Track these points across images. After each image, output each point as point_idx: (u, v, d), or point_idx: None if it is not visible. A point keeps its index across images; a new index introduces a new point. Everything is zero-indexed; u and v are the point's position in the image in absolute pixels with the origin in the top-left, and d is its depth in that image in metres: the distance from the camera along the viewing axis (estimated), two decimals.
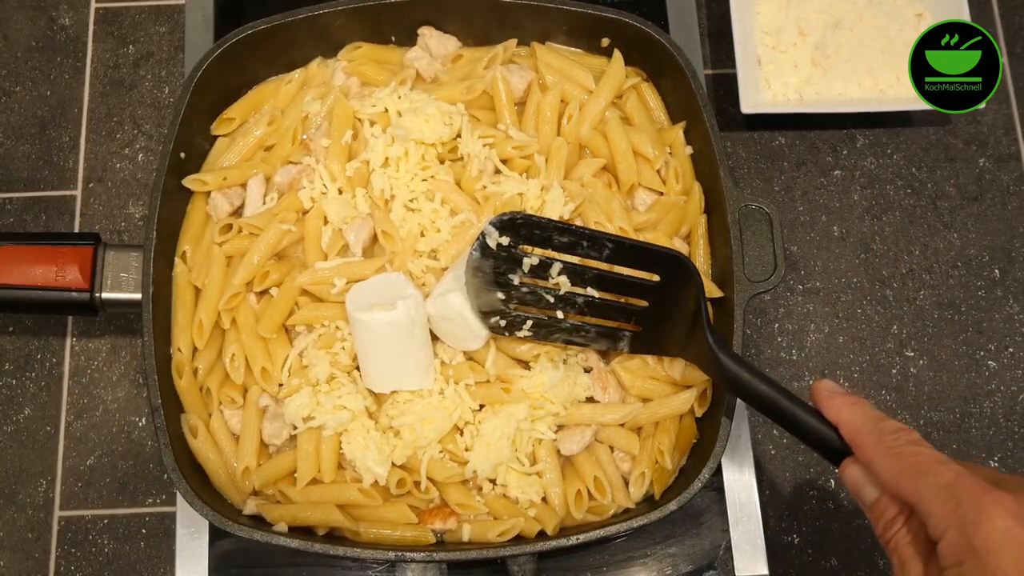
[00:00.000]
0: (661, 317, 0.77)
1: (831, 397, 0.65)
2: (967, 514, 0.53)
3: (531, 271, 0.75)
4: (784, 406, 0.67)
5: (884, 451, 0.59)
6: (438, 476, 0.79)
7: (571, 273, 0.75)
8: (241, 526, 0.76)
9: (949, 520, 0.54)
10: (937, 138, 1.04)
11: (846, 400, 0.64)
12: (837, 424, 0.64)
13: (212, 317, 0.83)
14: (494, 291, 0.76)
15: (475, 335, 0.78)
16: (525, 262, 0.74)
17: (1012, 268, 1.01)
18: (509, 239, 0.73)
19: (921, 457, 0.57)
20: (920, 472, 0.56)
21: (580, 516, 0.80)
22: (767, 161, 1.03)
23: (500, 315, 0.77)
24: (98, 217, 1.00)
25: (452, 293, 0.76)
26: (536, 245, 0.74)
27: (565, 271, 0.75)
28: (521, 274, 0.75)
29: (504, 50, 0.90)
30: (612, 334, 0.78)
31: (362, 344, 0.78)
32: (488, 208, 0.83)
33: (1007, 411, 0.97)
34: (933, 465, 0.56)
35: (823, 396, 0.65)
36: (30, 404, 0.95)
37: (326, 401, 0.78)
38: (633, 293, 0.77)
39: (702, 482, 0.77)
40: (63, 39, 1.06)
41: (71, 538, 0.92)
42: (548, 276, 0.75)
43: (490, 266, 0.74)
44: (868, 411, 0.63)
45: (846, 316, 0.99)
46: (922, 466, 0.57)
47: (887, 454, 0.59)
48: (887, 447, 0.59)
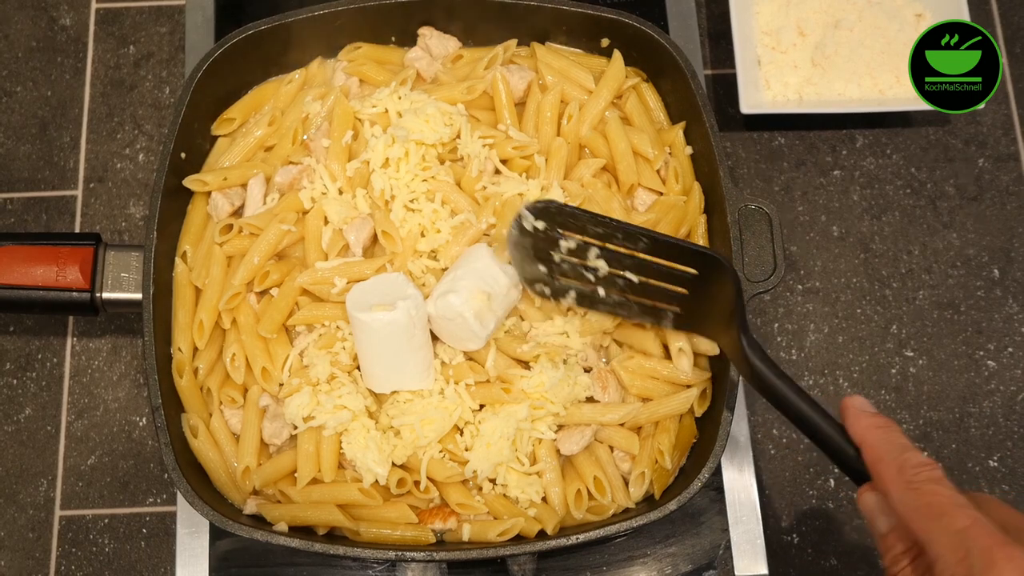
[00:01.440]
0: (701, 303, 0.77)
1: (858, 416, 0.63)
2: (976, 565, 0.51)
3: (569, 252, 0.76)
4: (808, 416, 0.66)
5: (903, 484, 0.58)
6: (438, 476, 0.79)
7: (609, 258, 0.76)
8: (241, 526, 0.76)
9: (957, 568, 0.53)
10: (936, 138, 1.05)
11: (874, 422, 0.62)
12: (860, 446, 0.62)
13: (212, 317, 0.83)
14: (536, 264, 0.77)
15: (475, 335, 0.78)
16: (562, 244, 0.76)
17: (1011, 268, 1.01)
18: (544, 224, 0.75)
19: (939, 497, 0.56)
20: (935, 513, 0.55)
21: (580, 516, 0.80)
22: (767, 161, 1.04)
23: (544, 283, 0.78)
24: (99, 217, 1.00)
25: (452, 294, 0.77)
26: (572, 232, 0.76)
27: (603, 255, 0.76)
28: (560, 253, 0.76)
29: (504, 50, 0.90)
30: (655, 312, 0.79)
31: (362, 344, 0.78)
32: (488, 208, 0.83)
33: (1006, 411, 0.97)
34: (950, 508, 0.55)
35: (851, 413, 0.64)
36: (31, 404, 0.95)
37: (326, 401, 0.79)
38: (673, 281, 0.77)
39: (702, 482, 0.77)
40: (64, 39, 1.06)
41: (72, 538, 0.92)
42: (587, 258, 0.77)
43: (529, 243, 0.76)
44: (894, 438, 0.61)
45: (846, 316, 0.99)
46: (938, 507, 0.55)
47: (906, 488, 0.57)
48: (907, 480, 0.58)
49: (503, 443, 0.79)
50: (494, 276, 0.78)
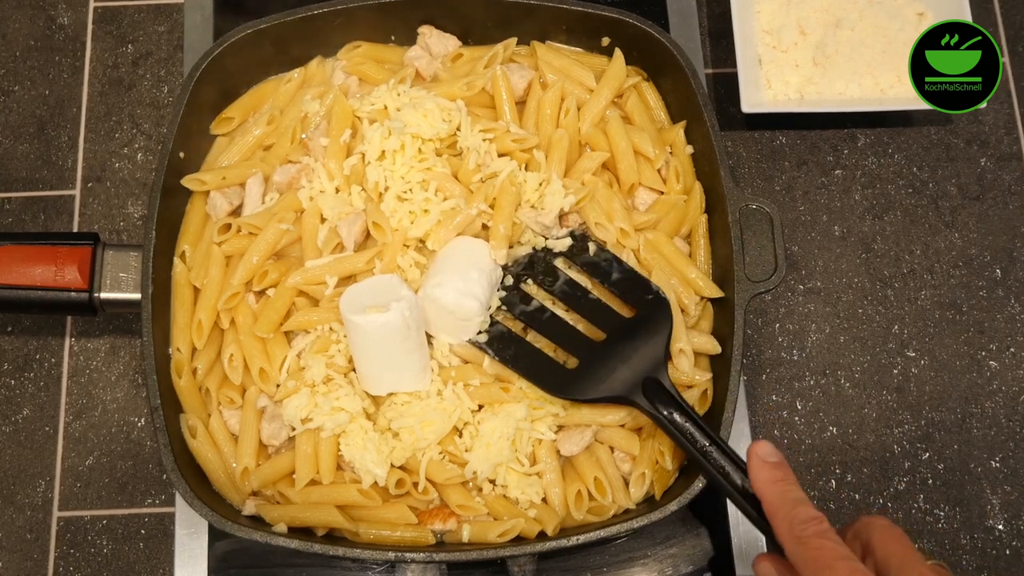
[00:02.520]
0: (608, 354, 0.79)
1: (760, 467, 0.67)
2: None
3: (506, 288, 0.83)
4: (717, 463, 0.72)
5: (793, 539, 0.62)
6: (438, 477, 0.79)
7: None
8: (240, 526, 0.76)
9: None
10: (938, 138, 1.04)
11: (772, 476, 0.66)
12: (759, 498, 0.67)
13: (211, 317, 0.83)
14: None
15: (465, 328, 0.79)
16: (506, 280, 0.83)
17: (1013, 268, 1.00)
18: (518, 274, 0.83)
19: (823, 551, 0.60)
20: (820, 566, 0.59)
21: (580, 517, 0.80)
22: (768, 161, 1.03)
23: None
24: (97, 217, 1.00)
25: (440, 289, 0.77)
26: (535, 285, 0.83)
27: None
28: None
29: (504, 49, 0.90)
30: (553, 370, 0.80)
31: (357, 346, 0.78)
32: (480, 195, 0.83)
33: (1008, 411, 0.97)
34: (832, 560, 0.59)
35: (753, 463, 0.68)
36: (29, 404, 0.95)
37: (323, 403, 0.78)
38: (598, 322, 0.80)
39: (702, 482, 0.77)
40: (62, 38, 1.06)
41: (70, 539, 0.92)
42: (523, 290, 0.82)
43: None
44: (789, 493, 0.65)
45: (847, 316, 0.99)
46: (822, 560, 0.60)
47: (795, 542, 0.62)
48: (796, 535, 0.62)
49: (503, 444, 0.78)
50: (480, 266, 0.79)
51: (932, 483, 0.94)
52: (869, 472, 0.94)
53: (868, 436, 0.96)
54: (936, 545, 0.93)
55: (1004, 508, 0.94)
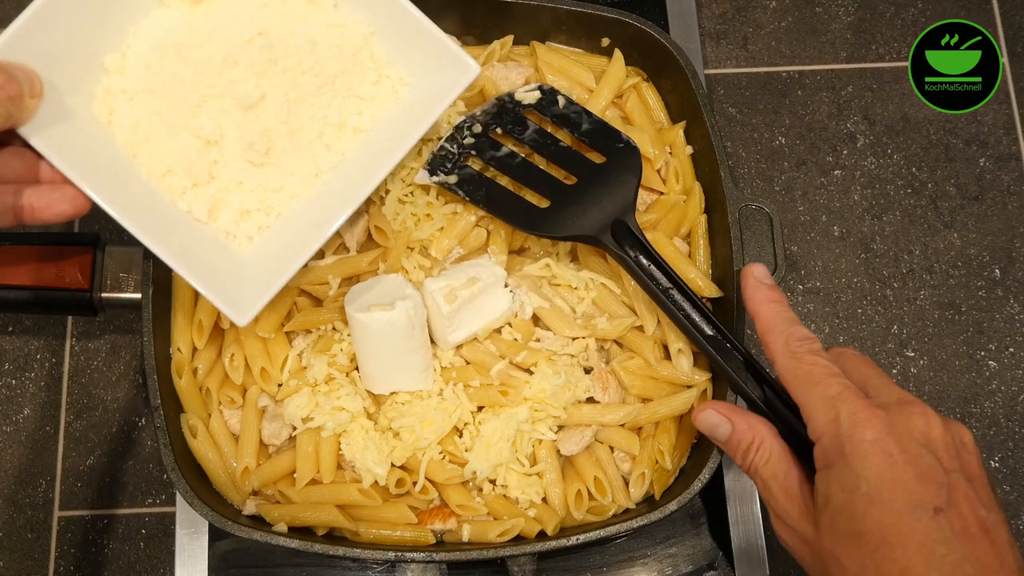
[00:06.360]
0: (579, 197, 0.80)
1: (756, 288, 0.70)
2: (844, 424, 0.59)
3: (474, 134, 0.82)
4: (679, 304, 0.75)
5: (788, 354, 0.65)
6: (438, 477, 0.79)
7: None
8: (241, 526, 0.76)
9: (827, 428, 0.60)
10: (937, 138, 1.04)
11: (768, 296, 0.69)
12: (754, 317, 0.69)
13: (212, 317, 0.83)
14: (448, 145, 0.82)
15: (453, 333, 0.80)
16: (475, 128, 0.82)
17: (1013, 268, 1.01)
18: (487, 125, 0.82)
19: (816, 367, 0.63)
20: (812, 381, 0.63)
21: (580, 516, 0.80)
22: (767, 161, 1.03)
23: (447, 166, 0.81)
24: (98, 217, 1.00)
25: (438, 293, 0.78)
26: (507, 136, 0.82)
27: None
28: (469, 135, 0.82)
29: (501, 47, 0.90)
30: (548, 188, 0.81)
31: (360, 344, 0.78)
32: None
33: (1008, 411, 0.97)
34: (824, 376, 0.62)
35: (749, 283, 0.70)
36: (30, 404, 0.95)
37: (324, 402, 0.78)
38: (569, 167, 0.81)
39: (702, 482, 0.77)
40: None
41: (71, 538, 0.92)
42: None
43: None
44: (784, 313, 0.68)
45: (846, 316, 0.99)
46: (815, 376, 0.63)
47: (789, 357, 0.65)
48: (791, 351, 0.65)
49: (503, 444, 0.78)
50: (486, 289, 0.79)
51: None
52: None
53: None
54: None
55: (1004, 508, 0.94)
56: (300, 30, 0.69)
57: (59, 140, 0.63)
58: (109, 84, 0.67)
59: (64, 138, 0.63)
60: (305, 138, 0.70)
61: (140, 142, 0.68)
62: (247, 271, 0.69)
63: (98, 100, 0.67)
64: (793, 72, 1.06)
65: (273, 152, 0.69)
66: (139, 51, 0.68)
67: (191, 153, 0.68)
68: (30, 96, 0.61)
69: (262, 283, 0.67)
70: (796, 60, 1.07)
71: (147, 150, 0.68)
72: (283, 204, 0.70)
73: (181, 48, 0.67)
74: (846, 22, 1.08)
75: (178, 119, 0.67)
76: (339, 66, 0.70)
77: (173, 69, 0.67)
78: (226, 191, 0.69)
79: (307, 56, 0.68)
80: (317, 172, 0.71)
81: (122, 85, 0.67)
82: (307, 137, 0.70)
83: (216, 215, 0.69)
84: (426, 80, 0.71)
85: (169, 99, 0.67)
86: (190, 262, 0.65)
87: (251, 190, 0.70)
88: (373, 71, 0.71)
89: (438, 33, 0.69)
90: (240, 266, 0.69)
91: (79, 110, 0.66)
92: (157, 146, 0.68)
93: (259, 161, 0.69)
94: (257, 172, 0.70)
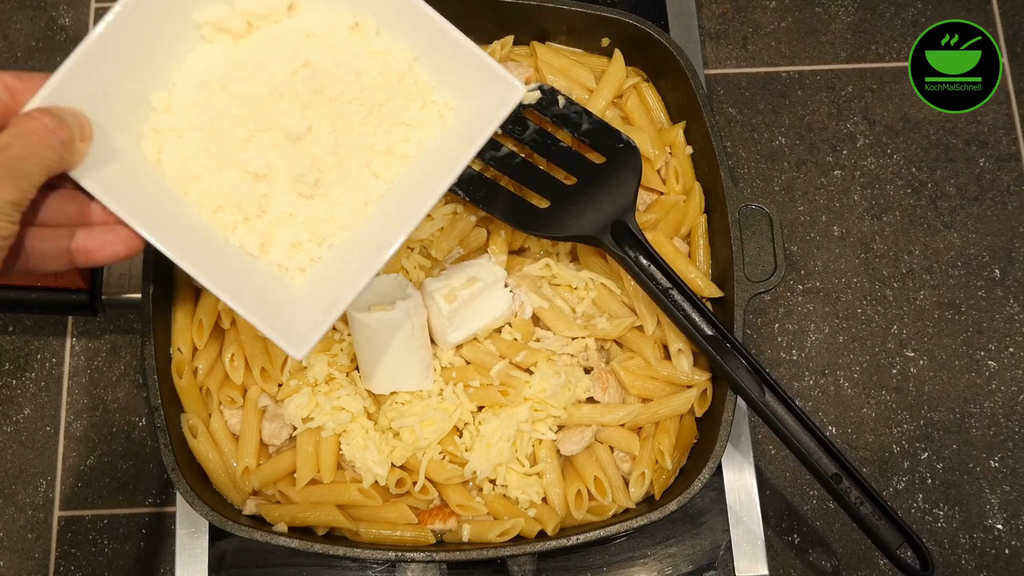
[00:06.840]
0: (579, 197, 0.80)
1: None
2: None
3: None
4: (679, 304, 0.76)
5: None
6: (438, 477, 0.79)
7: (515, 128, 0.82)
8: (241, 526, 0.76)
9: None
10: (937, 138, 1.04)
11: None
12: None
13: (212, 317, 0.83)
14: None
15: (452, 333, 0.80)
16: None
17: (1012, 268, 1.01)
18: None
19: None
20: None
21: (580, 516, 0.80)
22: (767, 161, 1.03)
23: None
24: None
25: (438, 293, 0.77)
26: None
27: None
28: None
29: (501, 47, 0.90)
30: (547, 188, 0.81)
31: (361, 344, 0.78)
32: None
33: (1007, 411, 0.97)
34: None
35: None
36: (30, 404, 0.95)
37: (325, 402, 0.78)
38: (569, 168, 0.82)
39: (702, 482, 0.77)
40: (63, 39, 1.06)
41: (71, 538, 0.92)
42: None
43: None
44: None
45: (846, 316, 0.99)
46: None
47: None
48: None
49: (503, 444, 0.78)
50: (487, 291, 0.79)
51: (931, 483, 0.95)
52: (868, 472, 0.95)
53: (867, 436, 0.96)
54: (935, 545, 0.93)
55: (1003, 508, 0.94)
56: (344, 59, 0.68)
57: (110, 181, 0.62)
58: (157, 123, 0.67)
59: (115, 179, 0.63)
60: (353, 167, 0.69)
61: (190, 179, 0.67)
62: (301, 303, 0.68)
63: (146, 139, 0.67)
64: (793, 72, 1.07)
65: (322, 183, 0.68)
66: (185, 88, 0.67)
67: (241, 188, 0.67)
68: (80, 139, 0.60)
69: (317, 315, 0.66)
70: (796, 60, 1.07)
71: (197, 187, 0.67)
72: (334, 234, 0.70)
73: (226, 83, 0.66)
74: (846, 22, 1.08)
75: (226, 154, 0.67)
76: (384, 94, 0.69)
77: (219, 105, 0.66)
78: (277, 224, 0.69)
79: (352, 85, 0.68)
80: (367, 201, 0.70)
81: (170, 123, 0.67)
82: (355, 166, 0.69)
83: (268, 249, 0.69)
84: (470, 103, 0.71)
85: (217, 135, 0.67)
86: (246, 298, 0.64)
87: (302, 222, 0.69)
88: (418, 97, 0.71)
89: (482, 55, 0.68)
90: (294, 299, 0.69)
91: (128, 150, 0.66)
92: (207, 183, 0.67)
93: (308, 193, 0.68)
94: (307, 204, 0.69)
